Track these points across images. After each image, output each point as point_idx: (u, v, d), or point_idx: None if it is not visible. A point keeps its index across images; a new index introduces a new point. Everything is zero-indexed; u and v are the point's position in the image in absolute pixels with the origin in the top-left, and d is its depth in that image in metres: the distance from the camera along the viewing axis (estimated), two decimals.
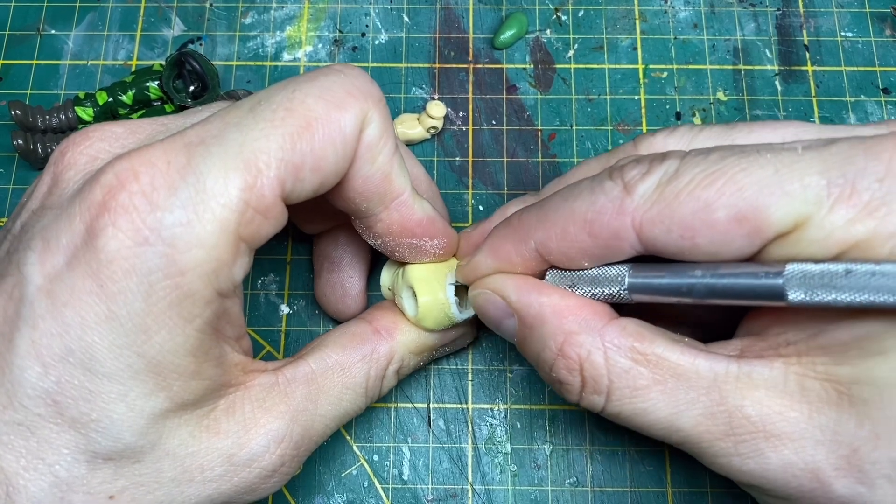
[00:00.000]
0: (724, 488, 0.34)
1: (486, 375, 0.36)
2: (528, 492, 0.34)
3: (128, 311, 0.22)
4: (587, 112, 0.40)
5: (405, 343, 0.30)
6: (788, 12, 0.42)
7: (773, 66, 0.41)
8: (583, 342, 0.24)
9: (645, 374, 0.24)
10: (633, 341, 0.24)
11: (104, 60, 0.41)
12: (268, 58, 0.41)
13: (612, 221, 0.23)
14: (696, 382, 0.23)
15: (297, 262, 0.38)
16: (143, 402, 0.22)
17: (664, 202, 0.22)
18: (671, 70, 0.41)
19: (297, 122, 0.24)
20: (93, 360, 0.22)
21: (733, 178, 0.21)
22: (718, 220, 0.21)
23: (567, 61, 0.41)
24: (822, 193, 0.20)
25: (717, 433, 0.23)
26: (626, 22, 0.42)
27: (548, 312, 0.25)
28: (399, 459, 0.35)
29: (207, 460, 0.24)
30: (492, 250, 0.28)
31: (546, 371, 0.26)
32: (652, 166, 0.23)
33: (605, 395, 0.24)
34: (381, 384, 0.30)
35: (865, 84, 0.40)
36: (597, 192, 0.24)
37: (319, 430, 0.27)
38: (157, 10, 0.42)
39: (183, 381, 0.23)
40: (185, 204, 0.22)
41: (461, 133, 0.40)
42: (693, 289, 0.23)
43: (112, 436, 0.22)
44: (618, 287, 0.25)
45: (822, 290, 0.20)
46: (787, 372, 0.22)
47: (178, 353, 0.23)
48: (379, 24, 0.42)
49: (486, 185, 0.39)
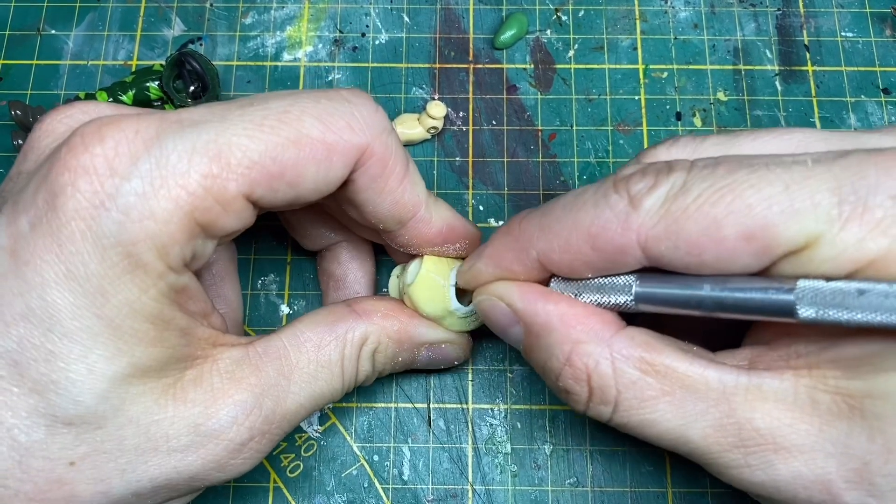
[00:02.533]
0: (724, 489, 0.34)
1: (486, 375, 0.36)
2: (528, 492, 0.34)
3: (85, 272, 0.22)
4: (587, 112, 0.40)
5: (383, 326, 0.29)
6: (788, 12, 0.42)
7: (774, 66, 0.41)
8: (591, 352, 0.24)
9: (653, 384, 0.23)
10: (642, 352, 0.24)
11: (104, 60, 0.41)
12: (268, 58, 0.41)
13: (617, 237, 0.23)
14: (706, 394, 0.23)
15: (297, 262, 0.38)
16: (104, 365, 0.22)
17: (671, 218, 0.22)
18: (671, 70, 0.41)
19: (286, 134, 0.24)
20: (53, 319, 0.22)
21: (742, 194, 0.21)
22: (727, 237, 0.21)
23: (567, 61, 0.41)
24: (834, 212, 0.20)
25: (727, 445, 0.23)
26: (627, 22, 0.42)
27: (555, 321, 0.25)
28: (399, 459, 0.35)
29: (173, 429, 0.24)
30: (492, 258, 0.27)
31: (552, 380, 0.26)
32: (658, 179, 0.22)
33: (613, 405, 0.24)
34: (356, 366, 0.29)
35: (865, 84, 0.40)
36: (601, 206, 0.23)
37: (292, 408, 0.27)
38: (158, 10, 0.42)
39: (144, 347, 0.23)
40: (144, 175, 0.22)
41: (461, 133, 0.40)
42: (702, 302, 0.22)
43: (72, 398, 0.22)
44: (625, 297, 0.24)
45: (833, 309, 0.20)
46: (797, 384, 0.22)
47: (137, 319, 0.23)
48: (379, 24, 0.42)
49: (487, 185, 0.39)
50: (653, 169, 0.23)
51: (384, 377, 0.36)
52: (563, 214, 0.24)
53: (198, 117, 0.24)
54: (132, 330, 0.23)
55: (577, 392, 0.25)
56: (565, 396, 0.26)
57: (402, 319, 0.30)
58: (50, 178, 0.22)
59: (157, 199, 0.22)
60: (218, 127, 0.23)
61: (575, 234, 0.24)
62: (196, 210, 0.23)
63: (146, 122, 0.23)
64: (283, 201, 0.25)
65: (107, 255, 0.22)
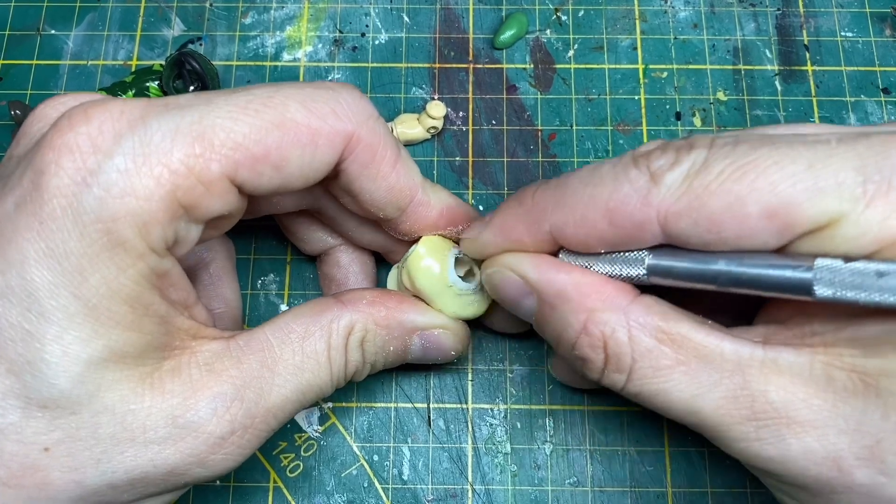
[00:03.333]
0: (724, 488, 0.34)
1: (486, 375, 0.36)
2: (528, 492, 0.34)
3: (64, 250, 0.22)
4: (587, 112, 0.40)
5: (370, 312, 0.29)
6: (788, 12, 0.42)
7: (773, 66, 0.41)
8: (607, 319, 0.24)
9: (669, 353, 0.23)
10: (659, 320, 0.24)
11: (104, 60, 0.41)
12: (268, 58, 0.41)
13: (637, 212, 0.23)
14: (721, 365, 0.23)
15: (297, 262, 0.38)
16: (80, 348, 0.22)
17: (693, 195, 0.21)
18: (671, 70, 0.41)
19: (270, 117, 0.24)
20: (31, 298, 0.22)
21: (765, 171, 0.21)
22: (749, 215, 0.21)
23: (567, 61, 0.41)
24: (858, 190, 0.20)
25: (739, 417, 0.23)
26: (626, 22, 0.42)
27: (570, 289, 0.25)
28: (399, 459, 0.35)
29: (150, 420, 0.23)
30: (502, 229, 0.27)
31: (567, 349, 0.25)
32: (679, 155, 0.22)
33: (627, 373, 0.24)
34: (344, 356, 0.28)
35: (865, 84, 0.40)
36: (620, 180, 0.23)
37: (277, 401, 0.26)
38: (157, 10, 0.42)
39: (121, 331, 0.23)
40: (127, 152, 0.22)
41: (461, 133, 0.40)
42: (717, 277, 0.22)
43: (47, 381, 0.22)
44: (637, 270, 0.24)
45: (851, 290, 0.20)
46: (813, 360, 0.22)
47: (115, 300, 0.22)
48: (379, 24, 0.42)
49: (486, 185, 0.39)
50: (673, 145, 0.23)
51: (383, 376, 0.36)
52: (579, 188, 0.24)
53: (184, 102, 0.24)
54: (109, 312, 0.22)
55: (593, 359, 0.25)
56: (581, 364, 0.25)
57: (389, 305, 0.29)
58: (36, 158, 0.23)
59: (139, 177, 0.22)
60: (202, 110, 0.24)
61: (592, 208, 0.24)
62: (178, 189, 0.23)
63: (132, 105, 0.23)
64: (270, 186, 0.25)
65: (86, 231, 0.22)
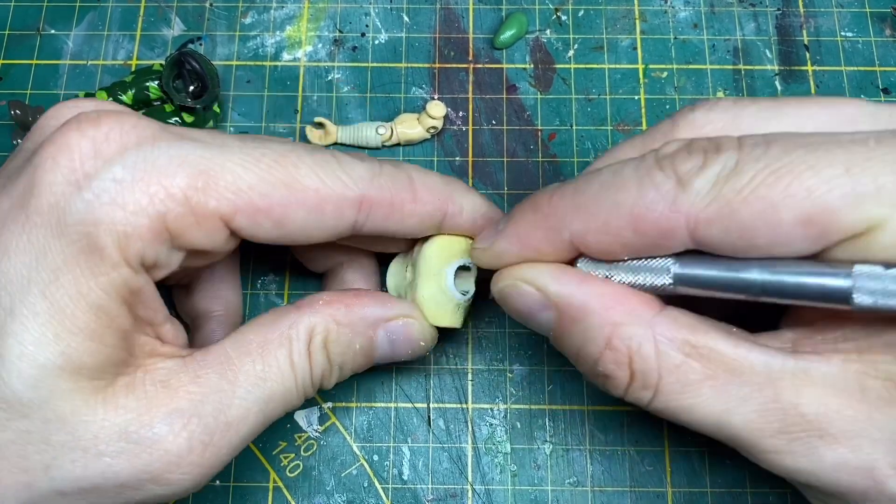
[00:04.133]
0: (724, 488, 0.34)
1: (486, 375, 0.36)
2: (528, 492, 0.34)
3: (43, 246, 0.22)
4: (587, 112, 0.40)
5: (328, 312, 0.27)
6: (788, 12, 0.42)
7: (773, 66, 0.41)
8: (632, 334, 0.23)
9: (697, 368, 0.22)
10: (687, 333, 0.23)
11: (104, 60, 0.41)
12: (268, 58, 0.41)
13: (664, 219, 0.21)
14: (750, 378, 0.22)
15: (296, 262, 0.38)
16: (37, 350, 0.22)
17: (724, 201, 0.20)
18: (671, 70, 0.41)
19: (280, 175, 0.24)
20: (3, 290, 0.22)
21: (800, 176, 0.20)
22: (783, 221, 0.20)
23: (567, 61, 0.41)
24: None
25: (770, 430, 0.22)
26: (626, 22, 0.42)
27: (593, 303, 0.24)
28: (399, 459, 0.35)
29: (103, 433, 0.23)
30: (517, 237, 0.26)
31: (590, 365, 0.24)
32: (708, 158, 0.21)
33: (654, 390, 0.23)
34: (308, 361, 0.27)
35: (865, 84, 0.40)
36: (646, 185, 0.22)
37: (239, 414, 0.25)
38: (157, 10, 0.42)
39: (81, 339, 0.22)
40: (128, 165, 0.23)
41: (461, 133, 0.40)
42: (749, 286, 0.21)
43: (2, 378, 0.22)
44: (662, 278, 0.23)
45: (893, 297, 0.19)
46: (846, 369, 0.21)
47: (81, 305, 0.22)
48: (379, 24, 0.42)
49: (486, 185, 0.39)
50: (699, 146, 0.22)
51: (383, 376, 0.36)
52: (600, 193, 0.23)
53: (198, 136, 0.24)
54: (73, 317, 0.22)
55: (617, 376, 0.24)
56: (603, 381, 0.24)
57: (347, 301, 0.28)
58: (37, 153, 0.23)
59: (133, 191, 0.22)
60: (215, 150, 0.24)
61: (615, 215, 0.22)
62: (170, 213, 0.23)
63: (145, 123, 0.24)
64: (268, 237, 0.25)
65: (67, 231, 0.22)
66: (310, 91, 0.41)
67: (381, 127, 0.39)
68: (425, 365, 0.36)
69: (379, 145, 0.39)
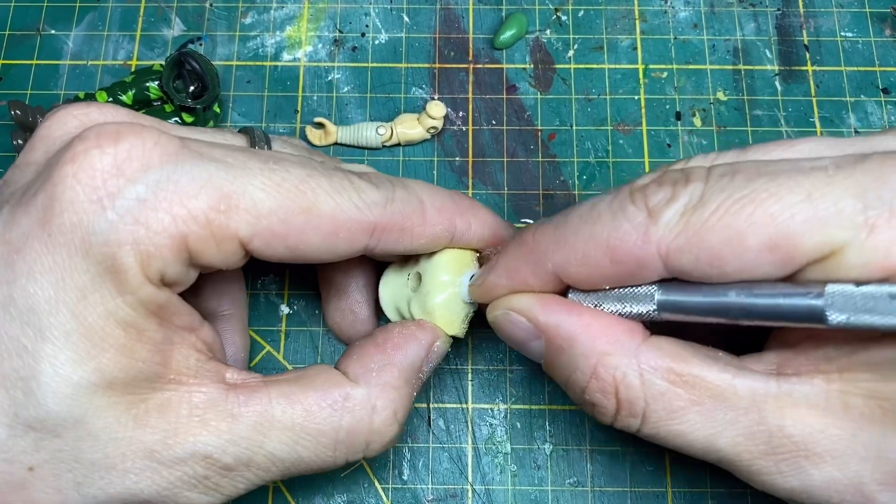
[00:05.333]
0: (724, 488, 0.34)
1: (486, 375, 0.36)
2: (528, 492, 0.34)
3: (69, 266, 0.22)
4: (587, 112, 0.40)
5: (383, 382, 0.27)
6: (788, 12, 0.42)
7: (773, 66, 0.41)
8: (617, 364, 0.24)
9: (682, 395, 0.23)
10: (670, 362, 0.23)
11: (104, 60, 0.41)
12: (268, 58, 0.41)
13: (637, 249, 0.22)
14: (735, 402, 0.23)
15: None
16: (71, 369, 0.22)
17: (691, 230, 0.21)
18: (671, 70, 0.41)
19: (300, 202, 0.25)
20: (31, 312, 0.22)
21: (762, 204, 0.20)
22: (749, 248, 0.21)
23: (567, 61, 0.41)
24: (859, 218, 0.19)
25: (757, 453, 0.23)
26: (626, 22, 0.42)
27: (579, 333, 0.24)
28: (399, 459, 0.35)
29: (131, 450, 0.23)
30: (506, 271, 0.27)
31: (577, 393, 0.25)
32: (676, 190, 0.22)
33: (642, 417, 0.24)
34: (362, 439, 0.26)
35: (865, 84, 0.40)
36: (619, 218, 0.23)
37: (262, 464, 0.25)
38: (157, 10, 0.42)
39: (113, 354, 0.22)
40: (151, 184, 0.22)
41: (461, 133, 0.40)
42: (728, 310, 0.22)
43: (36, 400, 0.22)
44: (647, 306, 0.24)
45: (865, 314, 0.20)
46: (828, 389, 0.22)
47: (110, 322, 0.22)
48: (379, 24, 0.42)
49: (486, 185, 0.39)
50: (669, 178, 0.23)
51: None
52: (579, 226, 0.24)
53: (220, 156, 0.24)
54: (104, 333, 0.22)
55: (604, 405, 0.24)
56: (591, 409, 0.25)
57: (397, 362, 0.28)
58: (55, 170, 0.22)
59: (156, 211, 0.22)
60: (238, 172, 0.24)
61: (593, 246, 0.23)
62: (191, 235, 0.23)
63: (166, 140, 0.23)
64: (280, 258, 0.26)
65: (91, 251, 0.22)
66: (310, 91, 0.41)
67: (381, 127, 0.39)
68: None
69: (379, 145, 0.39)
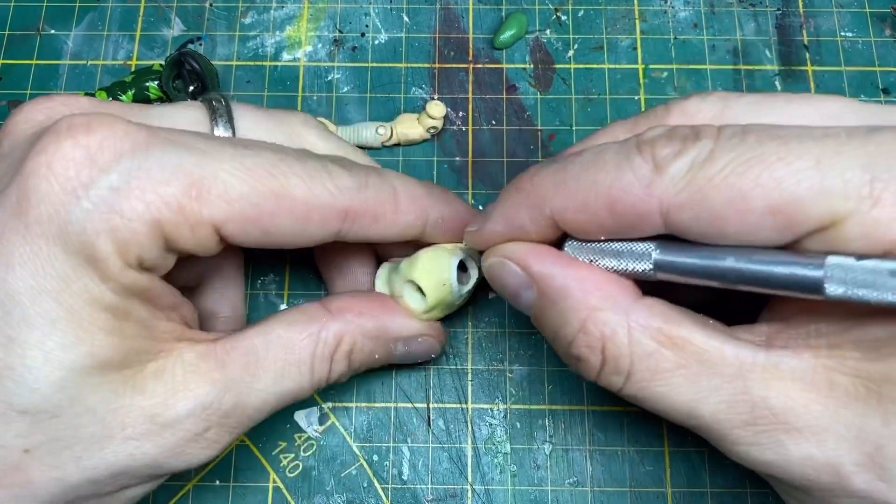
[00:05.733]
0: (724, 488, 0.34)
1: (485, 375, 0.36)
2: (527, 492, 0.34)
3: (48, 255, 0.22)
4: (587, 112, 0.40)
5: (359, 324, 0.29)
6: (788, 12, 0.42)
7: (773, 66, 0.41)
8: (607, 320, 0.23)
9: (669, 357, 0.23)
10: (661, 322, 0.23)
11: (104, 60, 0.41)
12: (267, 58, 0.41)
13: (639, 202, 0.22)
14: (721, 369, 0.22)
15: (296, 262, 0.38)
16: (62, 354, 0.22)
17: (696, 187, 0.21)
18: (671, 70, 0.41)
19: (271, 186, 0.25)
20: (13, 302, 0.22)
21: (770, 167, 0.20)
22: (752, 210, 0.20)
23: (567, 61, 0.41)
24: (865, 189, 0.19)
25: (738, 422, 0.22)
26: (626, 22, 0.42)
27: (572, 285, 0.24)
28: (399, 459, 0.35)
29: (130, 417, 0.24)
30: (504, 217, 0.26)
31: (564, 347, 0.25)
32: (685, 145, 0.21)
33: (626, 375, 0.23)
34: (328, 366, 0.28)
35: (865, 84, 0.40)
36: (623, 168, 0.22)
37: (255, 403, 0.26)
38: (157, 10, 0.42)
39: (103, 336, 0.23)
40: (123, 173, 0.23)
41: (461, 133, 0.40)
42: (725, 274, 0.22)
43: (28, 386, 0.22)
44: (643, 265, 0.24)
45: (863, 288, 0.19)
46: (815, 365, 0.22)
47: (95, 308, 0.23)
48: (379, 24, 0.42)
49: (486, 185, 0.39)
50: (679, 133, 0.22)
51: (383, 376, 0.36)
52: (580, 172, 0.23)
53: (191, 142, 0.24)
54: (91, 318, 0.23)
55: (590, 360, 0.24)
56: (576, 364, 0.25)
57: (378, 316, 0.29)
58: (27, 162, 0.23)
59: (130, 199, 0.23)
60: (209, 158, 0.24)
61: (593, 194, 0.23)
62: (165, 221, 0.23)
63: (136, 129, 0.24)
64: (255, 243, 0.26)
65: (70, 240, 0.22)
66: (310, 91, 0.41)
67: (381, 127, 0.39)
68: (425, 365, 0.36)
69: (379, 145, 0.39)
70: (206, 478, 0.34)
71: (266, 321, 0.28)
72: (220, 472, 0.34)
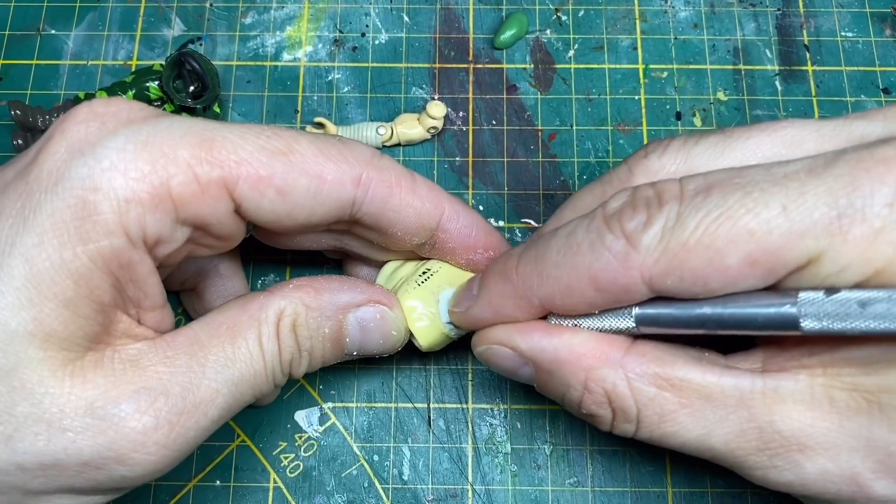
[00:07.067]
0: (724, 488, 0.34)
1: (486, 375, 0.36)
2: (528, 492, 0.34)
3: (34, 208, 0.22)
4: (587, 112, 0.40)
5: (297, 296, 0.27)
6: (788, 12, 0.42)
7: (774, 66, 0.41)
8: (605, 376, 0.24)
9: (671, 398, 0.24)
10: (655, 367, 0.24)
11: (104, 60, 0.41)
12: (268, 58, 0.41)
13: (620, 277, 0.22)
14: (723, 402, 0.23)
15: (296, 262, 0.38)
16: (10, 314, 0.22)
17: (671, 254, 0.21)
18: (671, 70, 0.41)
19: (279, 145, 0.25)
20: None
21: (739, 221, 0.20)
22: (730, 265, 0.21)
23: (567, 61, 0.41)
24: (834, 226, 0.20)
25: (750, 449, 0.23)
26: (626, 22, 0.42)
27: (563, 353, 0.25)
28: (399, 459, 0.35)
29: (69, 407, 0.22)
30: (491, 307, 0.27)
31: (575, 409, 0.26)
32: (651, 214, 0.22)
33: (636, 422, 0.24)
34: (277, 344, 0.27)
35: (865, 84, 0.40)
36: (597, 248, 0.23)
37: (207, 395, 0.25)
38: (157, 10, 0.42)
39: (55, 306, 0.22)
40: (131, 135, 0.23)
41: (461, 133, 0.40)
42: (704, 321, 0.22)
43: None
44: (626, 322, 0.24)
45: (837, 320, 0.20)
46: (812, 384, 0.22)
47: (61, 271, 0.22)
48: (379, 24, 0.42)
49: (486, 185, 0.39)
50: (642, 199, 0.23)
51: (383, 376, 0.36)
52: (559, 259, 0.24)
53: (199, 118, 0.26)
54: (51, 282, 0.22)
55: (602, 415, 0.25)
56: (591, 420, 0.26)
57: (316, 285, 0.28)
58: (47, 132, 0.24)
59: (135, 159, 0.23)
60: (216, 124, 0.25)
61: (576, 278, 0.23)
62: (173, 179, 0.23)
63: (152, 109, 0.25)
64: (273, 211, 0.25)
65: (63, 195, 0.22)
66: (310, 91, 0.41)
67: (382, 127, 0.39)
68: (425, 365, 0.36)
69: (379, 145, 0.39)
70: (206, 478, 0.34)
71: (207, 313, 0.27)
72: (221, 472, 0.34)
